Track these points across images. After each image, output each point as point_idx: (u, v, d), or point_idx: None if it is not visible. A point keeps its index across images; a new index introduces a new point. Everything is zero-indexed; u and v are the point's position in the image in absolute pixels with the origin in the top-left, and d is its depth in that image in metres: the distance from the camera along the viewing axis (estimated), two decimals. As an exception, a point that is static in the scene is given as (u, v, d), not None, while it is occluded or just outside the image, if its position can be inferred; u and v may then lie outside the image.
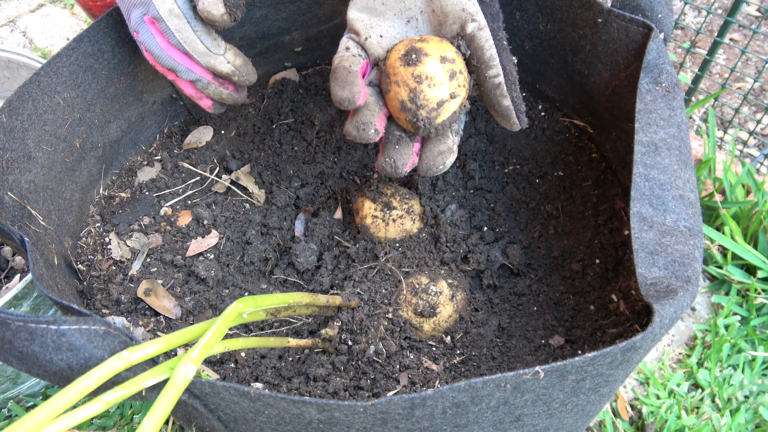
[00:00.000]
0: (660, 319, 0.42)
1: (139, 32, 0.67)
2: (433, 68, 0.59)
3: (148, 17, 0.65)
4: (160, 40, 0.67)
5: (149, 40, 0.67)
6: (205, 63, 0.69)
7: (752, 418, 0.82)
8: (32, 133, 0.65)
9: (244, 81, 0.73)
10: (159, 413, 0.38)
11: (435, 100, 0.60)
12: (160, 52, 0.67)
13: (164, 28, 0.66)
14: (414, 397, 0.39)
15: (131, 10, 0.66)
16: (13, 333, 0.39)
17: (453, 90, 0.61)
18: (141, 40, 0.67)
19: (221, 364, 0.69)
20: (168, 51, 0.67)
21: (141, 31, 0.66)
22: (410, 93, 0.60)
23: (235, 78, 0.72)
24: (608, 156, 0.78)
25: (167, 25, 0.65)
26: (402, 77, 0.60)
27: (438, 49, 0.60)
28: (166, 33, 0.66)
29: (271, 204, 0.85)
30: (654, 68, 0.58)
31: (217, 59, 0.69)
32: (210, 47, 0.68)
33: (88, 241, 0.76)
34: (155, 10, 0.65)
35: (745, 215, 0.95)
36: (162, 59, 0.68)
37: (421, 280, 0.74)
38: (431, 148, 0.66)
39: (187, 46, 0.67)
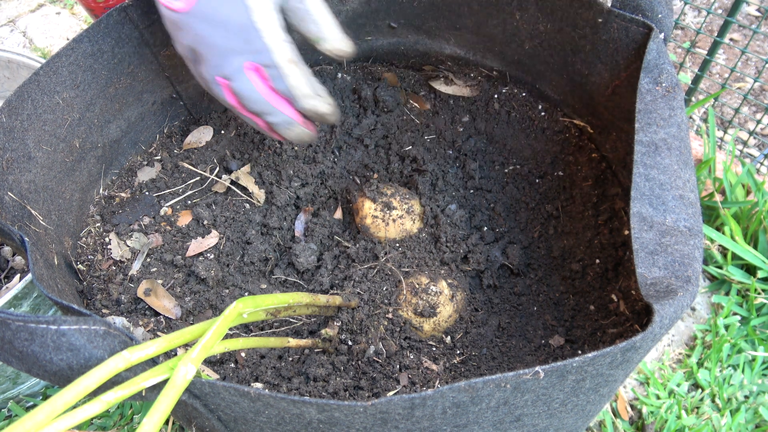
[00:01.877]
0: (660, 319, 0.42)
1: (233, 79, 0.64)
2: None
3: (253, 64, 0.63)
4: (261, 86, 0.65)
5: (246, 86, 0.64)
6: (309, 105, 0.67)
7: (752, 418, 0.82)
8: (32, 133, 0.65)
9: (336, 120, 0.73)
10: (159, 413, 0.38)
11: None
12: (257, 98, 0.65)
13: (274, 74, 0.64)
14: (414, 397, 0.39)
15: (227, 56, 0.63)
16: (13, 333, 0.39)
17: None
18: (236, 86, 0.64)
19: (221, 364, 0.69)
20: (267, 96, 0.65)
21: (238, 78, 0.64)
22: None
23: (332, 118, 0.71)
24: (608, 156, 0.78)
25: (281, 72, 0.64)
26: None
27: None
28: (275, 79, 0.64)
29: (271, 204, 0.85)
30: (654, 68, 0.58)
31: (319, 100, 0.68)
32: (315, 90, 0.67)
33: (88, 241, 0.76)
34: (269, 58, 0.63)
35: (745, 215, 0.95)
36: (256, 104, 0.66)
37: (421, 280, 0.74)
38: None
39: (296, 90, 0.65)
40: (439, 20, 0.83)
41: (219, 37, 0.62)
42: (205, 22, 0.62)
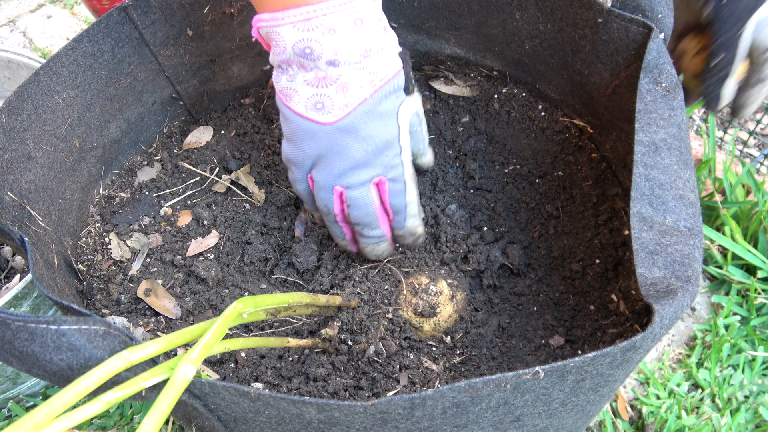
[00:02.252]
0: (660, 319, 0.42)
1: (353, 188, 0.65)
2: None
3: (382, 178, 0.65)
4: (377, 200, 0.67)
5: (365, 198, 0.66)
6: (411, 223, 0.70)
7: (752, 418, 0.82)
8: (32, 133, 0.65)
9: (420, 244, 0.76)
10: (159, 413, 0.38)
11: None
12: (370, 210, 0.66)
13: (397, 189, 0.66)
14: (414, 397, 0.39)
15: (359, 168, 0.64)
16: (13, 333, 0.39)
17: None
18: (354, 195, 0.65)
19: (221, 364, 0.69)
20: (378, 209, 0.67)
21: (360, 189, 0.65)
22: None
23: (420, 240, 0.75)
24: (608, 156, 0.78)
25: (406, 188, 0.67)
26: None
27: None
28: (395, 194, 0.67)
29: (271, 204, 0.85)
30: (654, 68, 0.58)
31: (420, 221, 0.72)
32: (419, 212, 0.72)
33: (88, 241, 0.76)
34: (400, 174, 0.66)
35: (745, 215, 0.95)
36: (367, 216, 0.67)
37: (421, 280, 0.74)
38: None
39: (410, 207, 0.69)
40: (439, 20, 0.83)
41: (359, 150, 0.63)
42: (349, 135, 0.63)
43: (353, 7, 0.58)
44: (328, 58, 0.59)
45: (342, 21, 0.57)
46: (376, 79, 0.61)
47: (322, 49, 0.58)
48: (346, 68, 0.60)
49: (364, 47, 0.59)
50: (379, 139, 0.63)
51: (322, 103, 0.61)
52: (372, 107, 0.62)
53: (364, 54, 0.60)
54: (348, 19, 0.58)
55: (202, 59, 0.83)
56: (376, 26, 0.60)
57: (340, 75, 0.60)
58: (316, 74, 0.60)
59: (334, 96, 0.61)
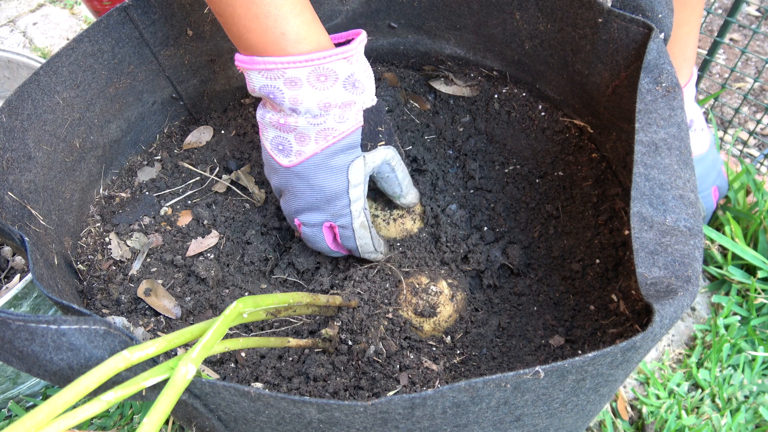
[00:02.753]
0: (660, 319, 0.42)
1: (307, 225, 0.72)
2: None
3: (332, 224, 0.72)
4: (330, 239, 0.74)
5: (317, 236, 0.73)
6: (366, 256, 0.76)
7: (752, 418, 0.82)
8: (32, 133, 0.65)
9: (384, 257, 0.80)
10: (159, 413, 0.38)
11: None
12: (323, 246, 0.74)
13: (346, 235, 0.72)
14: (414, 397, 0.39)
15: (310, 210, 0.71)
16: (13, 333, 0.39)
17: None
18: (307, 232, 0.73)
19: (221, 364, 0.69)
20: (331, 244, 0.74)
21: (313, 228, 0.72)
22: None
23: (381, 259, 0.78)
24: (608, 156, 0.78)
25: (353, 234, 0.72)
26: None
27: None
28: (345, 239, 0.73)
29: (271, 204, 0.85)
30: (654, 68, 0.58)
31: (375, 255, 0.76)
32: (377, 247, 0.76)
33: (88, 241, 0.76)
34: (348, 223, 0.71)
35: (745, 215, 0.95)
36: (319, 248, 0.75)
37: (421, 280, 0.74)
38: None
39: (361, 248, 0.74)
40: (439, 20, 0.83)
41: (310, 196, 0.70)
42: (302, 181, 0.69)
43: (316, 66, 0.62)
44: (289, 106, 0.64)
45: (302, 76, 0.62)
46: (330, 135, 0.66)
47: (284, 97, 0.63)
48: (304, 120, 0.65)
49: (324, 102, 0.64)
50: (328, 190, 0.69)
51: (282, 146, 0.68)
52: (323, 160, 0.67)
53: (323, 108, 0.64)
54: (309, 75, 0.62)
55: (202, 59, 0.83)
56: (341, 83, 0.64)
57: (298, 125, 0.65)
58: (279, 119, 0.66)
59: (292, 142, 0.67)
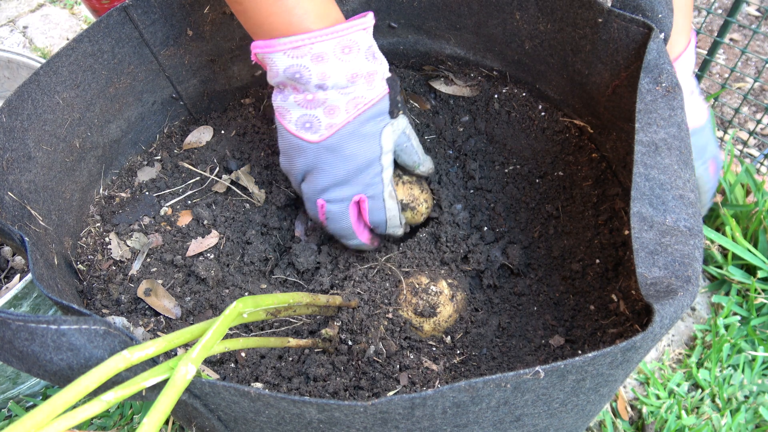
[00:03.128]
0: (660, 319, 0.42)
1: (333, 203, 0.70)
2: None
3: (361, 196, 0.70)
4: (354, 215, 0.71)
5: (343, 215, 0.71)
6: (392, 232, 0.75)
7: (752, 418, 0.82)
8: (32, 132, 0.65)
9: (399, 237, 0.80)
10: (159, 413, 0.38)
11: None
12: (347, 226, 0.72)
13: (376, 207, 0.71)
14: (414, 397, 0.39)
15: (340, 186, 0.69)
16: (13, 333, 0.39)
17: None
18: (333, 210, 0.71)
19: (221, 364, 0.69)
20: (355, 225, 0.72)
21: (339, 204, 0.70)
22: None
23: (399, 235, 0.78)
24: (608, 156, 0.78)
25: (383, 206, 0.71)
26: None
27: None
28: (373, 212, 0.71)
29: (271, 204, 0.85)
30: (654, 68, 0.58)
31: (400, 230, 0.76)
32: (402, 223, 0.75)
33: (88, 241, 0.76)
34: (379, 193, 0.70)
35: (744, 215, 0.95)
36: (342, 230, 0.73)
37: (421, 280, 0.74)
38: None
39: (390, 221, 0.73)
40: (439, 20, 0.83)
41: (341, 169, 0.68)
42: (333, 154, 0.68)
43: (341, 37, 0.62)
44: (317, 83, 0.63)
45: (329, 49, 0.62)
46: (360, 103, 0.66)
47: (311, 74, 0.63)
48: (333, 92, 0.64)
49: (351, 73, 0.64)
50: (361, 159, 0.68)
51: (310, 123, 0.67)
52: (355, 129, 0.67)
53: (350, 79, 0.64)
54: (335, 48, 0.62)
55: (202, 59, 0.83)
56: (364, 54, 0.65)
57: (327, 98, 0.65)
58: (306, 96, 0.65)
59: (321, 117, 0.66)
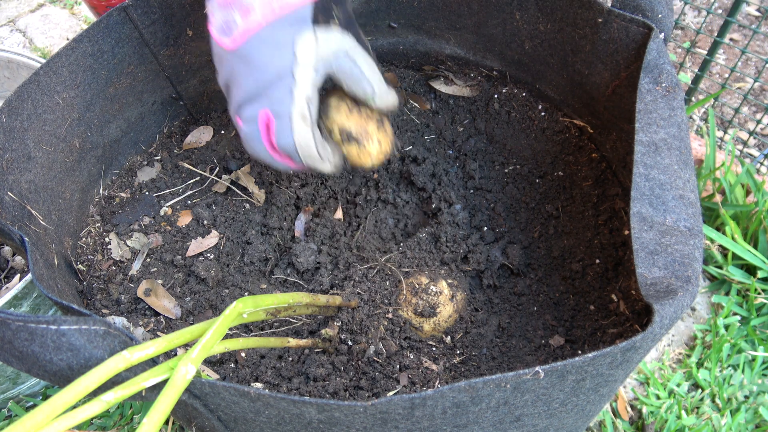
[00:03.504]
0: (660, 319, 0.42)
1: (245, 123, 0.64)
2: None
3: (267, 111, 0.63)
4: (266, 138, 0.64)
5: (254, 135, 0.64)
6: (309, 165, 0.67)
7: (752, 418, 0.82)
8: (32, 133, 0.65)
9: (337, 172, 0.72)
10: (159, 413, 0.38)
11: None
12: (260, 148, 0.65)
13: (282, 127, 0.63)
14: (414, 397, 0.39)
15: (250, 101, 0.63)
16: (13, 333, 0.39)
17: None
18: (245, 130, 0.64)
19: (221, 364, 0.69)
20: (268, 146, 0.65)
21: (249, 124, 0.64)
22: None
23: (330, 171, 0.70)
24: (608, 156, 0.78)
25: (291, 125, 0.63)
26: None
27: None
28: (280, 134, 0.63)
29: (271, 204, 0.85)
30: (654, 68, 0.58)
31: (324, 165, 0.67)
32: (322, 155, 0.66)
33: (88, 241, 0.76)
34: (287, 109, 0.62)
35: (744, 215, 0.95)
36: (257, 153, 0.66)
37: (421, 280, 0.74)
38: None
39: (300, 150, 0.64)
40: (439, 20, 0.83)
41: (251, 80, 0.62)
42: (244, 63, 0.62)
43: None
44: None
45: None
46: (277, 6, 0.60)
47: None
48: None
49: None
50: (271, 69, 0.61)
51: (228, 27, 0.61)
52: (268, 35, 0.60)
53: None
54: None
55: (202, 59, 0.83)
56: None
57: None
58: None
59: (238, 20, 0.60)
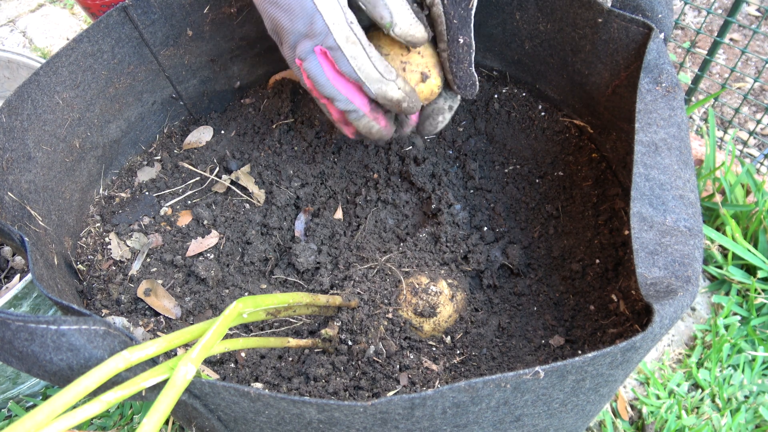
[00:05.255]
0: (660, 319, 0.42)
1: (305, 60, 0.65)
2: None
3: (321, 48, 0.64)
4: (328, 69, 0.65)
5: (316, 69, 0.65)
6: (376, 90, 0.67)
7: (752, 418, 0.82)
8: (32, 133, 0.65)
9: (412, 109, 0.70)
10: (159, 413, 0.38)
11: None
12: (325, 81, 0.65)
13: (337, 56, 0.64)
14: (414, 397, 0.39)
15: (301, 41, 0.64)
16: (13, 333, 0.39)
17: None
18: (306, 67, 0.65)
19: (221, 364, 0.69)
20: (333, 80, 0.66)
21: (309, 59, 0.64)
22: None
23: (404, 104, 0.69)
24: (608, 156, 0.78)
25: (343, 54, 0.63)
26: None
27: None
28: (339, 61, 0.64)
29: (271, 204, 0.85)
30: (654, 68, 0.58)
31: (389, 85, 0.66)
32: (383, 73, 0.66)
33: (88, 241, 0.76)
34: (332, 40, 0.63)
35: (745, 215, 0.95)
36: (325, 88, 0.66)
37: (421, 280, 0.74)
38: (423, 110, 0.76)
39: (360, 73, 0.65)
40: (439, 20, 0.83)
41: (287, 21, 0.63)
42: (274, 6, 0.63)
43: None
44: None
45: None
46: None
47: None
48: None
49: None
50: (297, 7, 0.62)
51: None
52: None
53: None
54: None
55: (202, 59, 0.83)
56: None
57: None
58: None
59: None
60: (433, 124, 0.76)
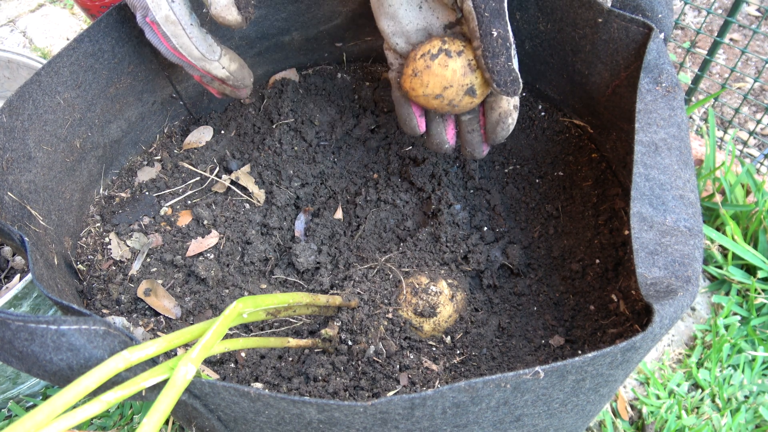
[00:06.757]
0: (660, 319, 0.42)
1: (145, 30, 0.69)
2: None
3: (149, 19, 0.67)
4: (160, 42, 0.69)
5: (154, 39, 0.69)
6: (201, 67, 0.71)
7: (752, 418, 0.82)
8: (32, 133, 0.65)
9: (239, 85, 0.77)
10: (159, 413, 0.38)
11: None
12: (165, 51, 0.70)
13: (162, 33, 0.68)
14: (414, 397, 0.39)
15: (135, 11, 0.68)
16: (13, 333, 0.39)
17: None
18: (148, 37, 0.69)
19: (221, 364, 0.69)
20: (169, 51, 0.70)
21: (146, 29, 0.69)
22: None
23: (230, 82, 0.75)
24: (608, 156, 0.78)
25: (165, 31, 0.67)
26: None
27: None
28: (165, 37, 0.68)
29: (271, 204, 0.85)
30: (654, 68, 0.58)
31: (212, 65, 0.71)
32: (205, 53, 0.70)
33: (88, 241, 0.76)
34: (153, 16, 0.66)
35: (745, 215, 0.95)
36: (167, 56, 0.71)
37: (421, 280, 0.74)
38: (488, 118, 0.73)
39: (183, 51, 0.69)
40: (439, 20, 0.83)
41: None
42: None
43: None
44: None
45: None
46: None
47: None
48: None
49: None
50: None
51: None
52: None
53: None
54: None
55: (202, 59, 0.83)
56: None
57: None
58: None
59: None
60: (504, 128, 0.72)
